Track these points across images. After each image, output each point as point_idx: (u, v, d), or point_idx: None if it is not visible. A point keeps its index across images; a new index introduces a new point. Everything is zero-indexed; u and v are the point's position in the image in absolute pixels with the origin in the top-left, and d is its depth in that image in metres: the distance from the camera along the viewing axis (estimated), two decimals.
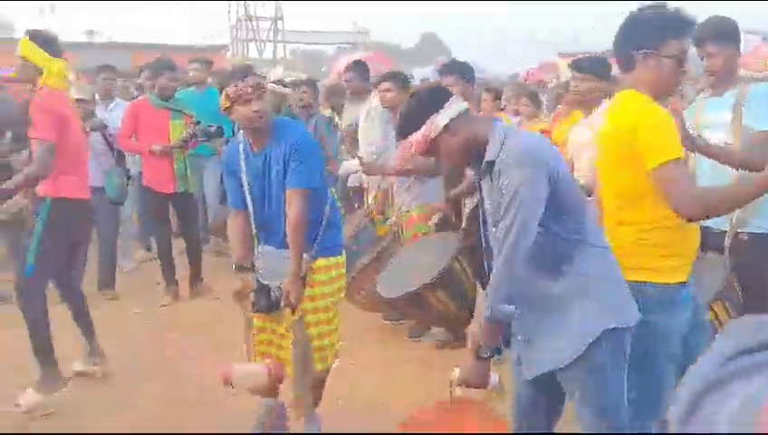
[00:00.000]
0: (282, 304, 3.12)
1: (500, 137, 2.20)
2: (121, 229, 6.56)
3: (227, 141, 5.34)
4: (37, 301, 4.04)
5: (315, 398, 3.43)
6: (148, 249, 7.29)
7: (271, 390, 3.20)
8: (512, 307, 2.16)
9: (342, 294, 3.42)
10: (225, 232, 4.48)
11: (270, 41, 31.37)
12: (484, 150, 2.22)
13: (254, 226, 3.28)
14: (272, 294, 3.15)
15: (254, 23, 31.82)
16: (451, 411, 2.32)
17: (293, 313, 3.16)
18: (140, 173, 6.38)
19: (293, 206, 3.08)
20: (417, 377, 4.27)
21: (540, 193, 2.13)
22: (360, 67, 5.76)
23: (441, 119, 2.23)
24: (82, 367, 4.41)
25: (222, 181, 4.69)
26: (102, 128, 6.02)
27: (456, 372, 2.29)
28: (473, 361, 2.24)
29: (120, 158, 6.15)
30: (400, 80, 4.96)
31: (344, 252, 3.40)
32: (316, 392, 3.43)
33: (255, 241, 3.32)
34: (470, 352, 2.24)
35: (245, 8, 32.10)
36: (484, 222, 2.35)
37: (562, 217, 2.21)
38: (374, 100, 5.32)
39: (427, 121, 2.23)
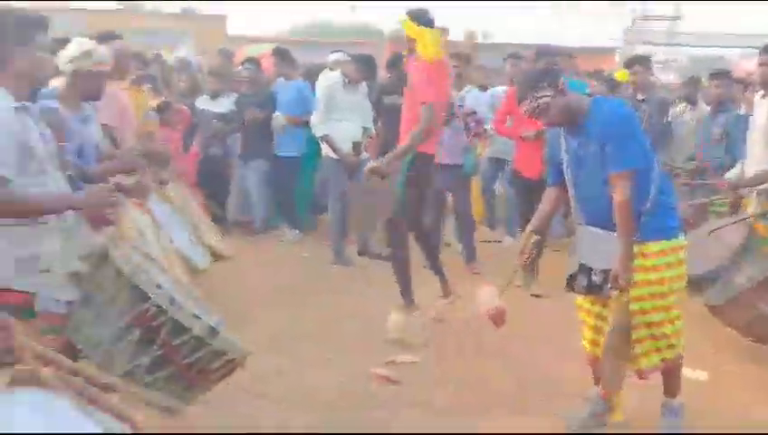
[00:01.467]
0: (609, 286, 3.10)
1: None
2: None
3: None
4: (400, 243, 4.59)
5: (673, 386, 3.37)
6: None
7: (496, 317, 3.29)
8: None
9: (683, 282, 3.24)
10: None
11: (662, 44, 29.27)
12: None
13: (574, 205, 3.34)
14: (592, 276, 3.17)
15: (648, 22, 30.13)
16: None
17: (621, 296, 3.11)
18: None
19: (616, 189, 3.09)
20: None
21: None
22: None
23: None
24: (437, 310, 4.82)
25: None
26: (472, 113, 6.29)
27: None
28: None
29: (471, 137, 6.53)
30: None
31: (681, 235, 3.24)
32: (674, 380, 3.37)
33: (576, 221, 3.38)
34: None
35: (643, 7, 30.57)
36: None
37: None
38: None
39: None
